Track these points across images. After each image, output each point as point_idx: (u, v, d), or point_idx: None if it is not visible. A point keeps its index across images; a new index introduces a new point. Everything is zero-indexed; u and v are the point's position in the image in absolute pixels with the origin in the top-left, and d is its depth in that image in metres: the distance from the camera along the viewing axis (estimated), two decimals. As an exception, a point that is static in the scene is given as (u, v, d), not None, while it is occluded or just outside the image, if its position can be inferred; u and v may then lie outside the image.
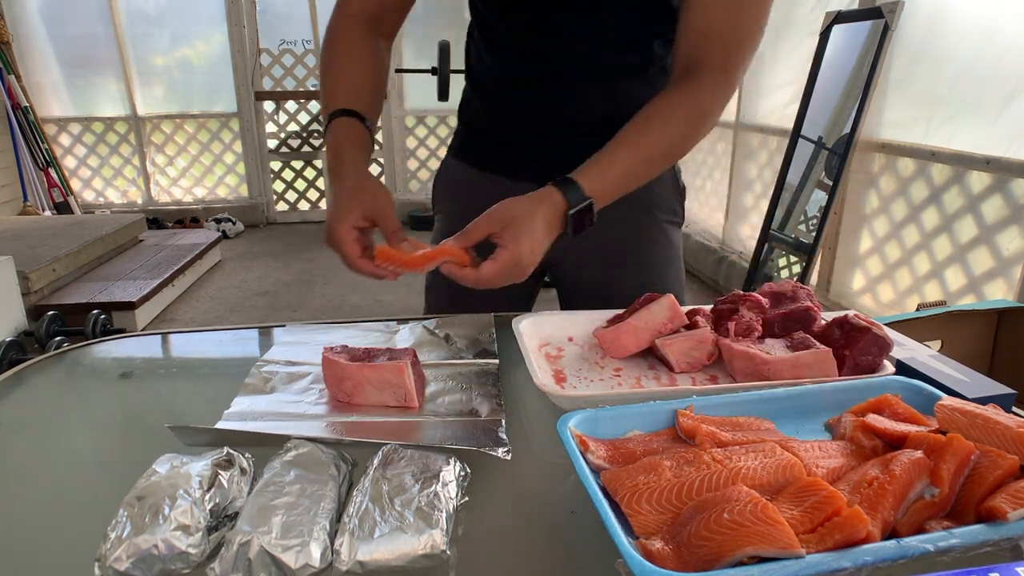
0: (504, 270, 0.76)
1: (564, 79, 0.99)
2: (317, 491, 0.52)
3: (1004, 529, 0.46)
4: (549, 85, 1.00)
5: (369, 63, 0.97)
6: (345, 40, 0.96)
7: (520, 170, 1.05)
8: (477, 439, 0.64)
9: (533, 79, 1.01)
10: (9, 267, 2.95)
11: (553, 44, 0.97)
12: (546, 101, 1.01)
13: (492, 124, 1.08)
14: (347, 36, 0.96)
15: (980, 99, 2.32)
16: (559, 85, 0.99)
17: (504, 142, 1.07)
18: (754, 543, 0.44)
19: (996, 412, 0.57)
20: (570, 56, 0.97)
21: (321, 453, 0.57)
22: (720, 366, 0.81)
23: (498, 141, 1.08)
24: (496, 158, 1.08)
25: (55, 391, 0.83)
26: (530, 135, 1.04)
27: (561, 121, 1.02)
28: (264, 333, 0.98)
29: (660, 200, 1.08)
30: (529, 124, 1.04)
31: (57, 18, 5.18)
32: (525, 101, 1.03)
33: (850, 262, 2.99)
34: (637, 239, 1.08)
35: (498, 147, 1.08)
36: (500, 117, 1.07)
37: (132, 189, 5.72)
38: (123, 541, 0.47)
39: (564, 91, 1.00)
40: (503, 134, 1.07)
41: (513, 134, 1.06)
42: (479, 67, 1.07)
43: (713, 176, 4.43)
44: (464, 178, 1.11)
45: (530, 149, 1.05)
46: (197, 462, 0.54)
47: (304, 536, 0.47)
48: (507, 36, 1.00)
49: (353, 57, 0.96)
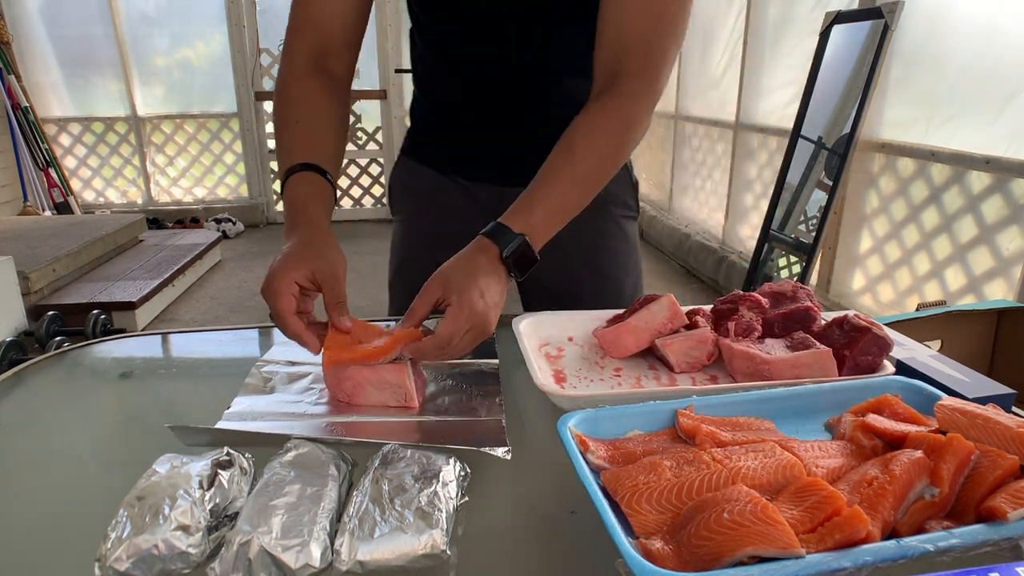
0: (459, 325, 0.71)
1: (509, 81, 0.98)
2: (317, 491, 0.52)
3: (1004, 529, 0.46)
4: (494, 87, 0.99)
5: (325, 113, 0.92)
6: (297, 91, 0.91)
7: (476, 172, 1.05)
8: (477, 439, 0.64)
9: (477, 81, 0.99)
10: (9, 267, 2.95)
11: (494, 48, 0.96)
12: (492, 103, 1.00)
13: (442, 126, 1.07)
14: (299, 86, 0.91)
15: (980, 99, 2.32)
16: (504, 86, 0.98)
17: (456, 144, 1.06)
18: (754, 543, 0.44)
19: (996, 412, 0.57)
20: (513, 59, 0.96)
21: (321, 453, 0.57)
22: (720, 366, 0.81)
23: (450, 143, 1.07)
24: (450, 159, 1.07)
25: (55, 391, 0.83)
26: (480, 137, 1.03)
27: (511, 122, 1.01)
28: (264, 333, 0.98)
29: (613, 196, 1.08)
30: (478, 126, 1.03)
31: (57, 18, 5.18)
32: (471, 103, 1.01)
33: (850, 262, 2.99)
34: (592, 234, 1.07)
35: (451, 149, 1.07)
36: (449, 119, 1.05)
37: (132, 189, 5.72)
38: (123, 541, 0.47)
39: (510, 93, 0.99)
40: (454, 136, 1.06)
41: (464, 136, 1.05)
42: (423, 69, 1.05)
43: (713, 176, 4.43)
44: (423, 180, 1.10)
45: (482, 151, 1.04)
46: (197, 462, 0.54)
47: (304, 536, 0.47)
48: (446, 40, 0.99)
49: (307, 108, 0.91)
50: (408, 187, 1.13)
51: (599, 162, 0.86)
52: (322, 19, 0.92)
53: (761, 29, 3.72)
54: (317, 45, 0.92)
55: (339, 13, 0.92)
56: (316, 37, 0.92)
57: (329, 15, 0.91)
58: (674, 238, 4.72)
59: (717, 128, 4.31)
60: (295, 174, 0.84)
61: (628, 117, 0.86)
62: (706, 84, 4.47)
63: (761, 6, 3.70)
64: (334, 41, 0.93)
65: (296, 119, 0.89)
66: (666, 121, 5.18)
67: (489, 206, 1.05)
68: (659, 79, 0.88)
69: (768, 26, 3.67)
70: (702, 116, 4.55)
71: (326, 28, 0.92)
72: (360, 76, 5.49)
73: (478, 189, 1.07)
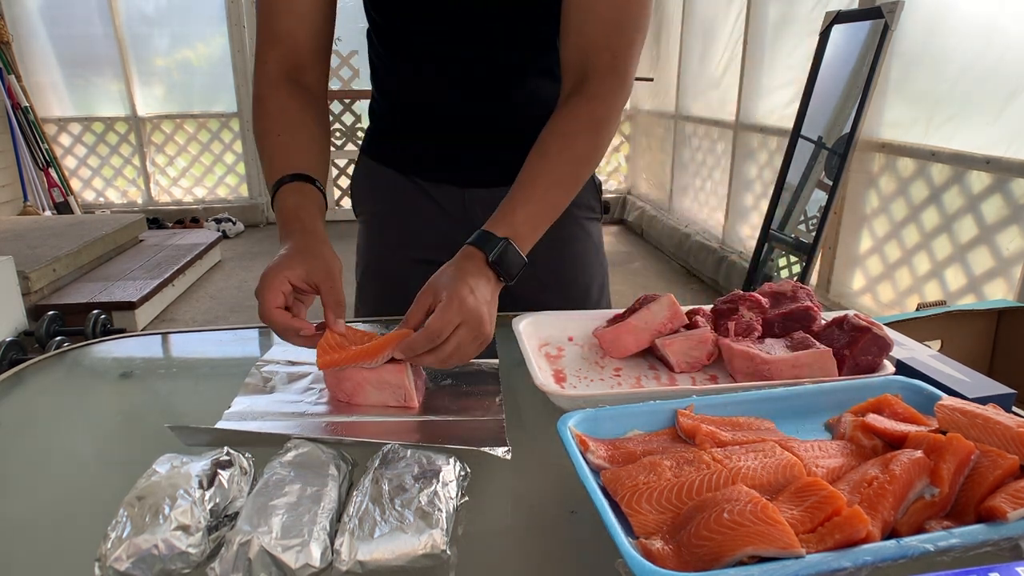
0: (449, 317, 0.69)
1: (472, 81, 0.97)
2: (317, 491, 0.52)
3: (1004, 529, 0.46)
4: (456, 87, 0.98)
5: (306, 125, 0.90)
6: (275, 104, 0.90)
7: (436, 174, 1.04)
8: (477, 439, 0.64)
9: (438, 82, 0.98)
10: (9, 267, 2.95)
11: (456, 47, 0.94)
12: (454, 104, 0.99)
13: (402, 126, 1.05)
14: (276, 99, 0.89)
15: (980, 99, 2.32)
16: (467, 87, 0.97)
17: (416, 145, 1.05)
18: (754, 543, 0.44)
19: (996, 412, 0.57)
20: (477, 58, 0.95)
21: (321, 453, 0.57)
22: (720, 366, 0.81)
23: (410, 144, 1.05)
24: (411, 160, 1.06)
25: (55, 391, 0.83)
26: (441, 138, 1.02)
27: (474, 123, 1.00)
28: (264, 333, 0.98)
29: (577, 198, 1.05)
30: (439, 127, 1.02)
31: (57, 18, 5.18)
32: (432, 104, 1.00)
33: (850, 262, 2.99)
34: (556, 237, 1.03)
35: (410, 150, 1.05)
36: (409, 120, 1.04)
37: (132, 189, 5.72)
38: (123, 541, 0.47)
39: (473, 93, 0.98)
40: (414, 137, 1.04)
41: (424, 137, 1.03)
42: (382, 69, 1.03)
43: (713, 176, 4.43)
44: (382, 180, 1.08)
45: (443, 152, 1.03)
46: (197, 462, 0.54)
47: (304, 536, 0.47)
48: (408, 39, 0.97)
49: (288, 120, 0.89)
50: (369, 187, 1.12)
51: (575, 165, 0.86)
52: (290, 34, 0.90)
53: (761, 29, 3.72)
54: (288, 59, 0.91)
55: (306, 27, 0.91)
56: (286, 52, 0.91)
57: (296, 29, 0.90)
58: (674, 238, 4.72)
59: (717, 128, 4.31)
60: (284, 186, 0.82)
61: (600, 119, 0.87)
62: (706, 84, 4.47)
63: (761, 6, 3.70)
64: (304, 55, 0.92)
65: (278, 132, 0.88)
66: (666, 121, 5.18)
67: (450, 208, 1.06)
68: (628, 75, 0.89)
69: (768, 26, 3.67)
70: (702, 116, 4.55)
71: (295, 43, 0.91)
72: (361, 76, 5.49)
73: (437, 191, 1.06)
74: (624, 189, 6.16)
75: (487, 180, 1.02)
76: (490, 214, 0.80)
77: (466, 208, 1.05)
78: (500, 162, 0.94)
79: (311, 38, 0.92)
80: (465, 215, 1.05)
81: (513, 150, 0.89)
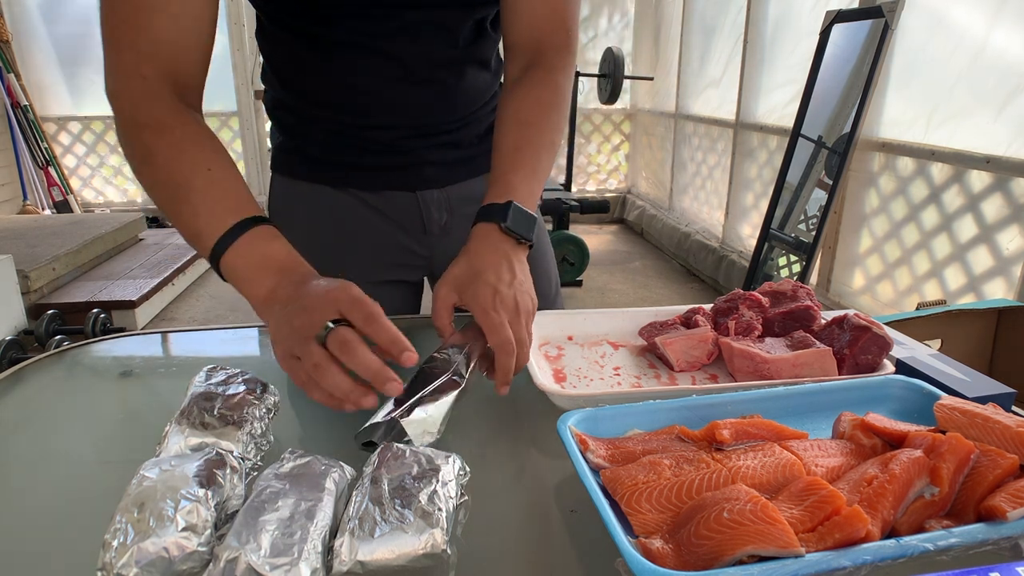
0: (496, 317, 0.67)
1: (407, 79, 0.90)
2: (312, 506, 0.51)
3: (1004, 528, 0.46)
4: (399, 88, 0.90)
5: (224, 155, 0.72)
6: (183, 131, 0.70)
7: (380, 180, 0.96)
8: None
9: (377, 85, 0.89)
10: (9, 266, 2.95)
11: (399, 45, 0.87)
12: (393, 105, 0.91)
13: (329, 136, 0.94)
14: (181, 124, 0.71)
15: (980, 98, 2.32)
16: (412, 86, 0.90)
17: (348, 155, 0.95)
18: (754, 542, 0.44)
19: (996, 411, 0.57)
20: (417, 56, 0.88)
21: (320, 464, 0.56)
22: (720, 365, 0.81)
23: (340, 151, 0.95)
24: (344, 170, 0.95)
25: (55, 390, 0.83)
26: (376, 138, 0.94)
27: (412, 122, 0.93)
28: (264, 332, 0.98)
29: None
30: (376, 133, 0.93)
31: (57, 17, 5.18)
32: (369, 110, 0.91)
33: (850, 261, 2.99)
34: None
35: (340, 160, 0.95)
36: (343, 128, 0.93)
37: (132, 188, 5.72)
38: (128, 547, 0.46)
39: (408, 91, 0.91)
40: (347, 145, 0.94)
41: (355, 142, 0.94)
42: (300, 76, 0.91)
43: (713, 175, 4.43)
44: (313, 201, 0.96)
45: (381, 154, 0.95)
46: (189, 463, 0.54)
47: (293, 555, 0.46)
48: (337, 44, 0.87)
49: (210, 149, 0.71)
50: (292, 212, 0.98)
51: (552, 133, 0.87)
52: (172, 42, 0.72)
53: (761, 28, 3.72)
54: (171, 75, 0.73)
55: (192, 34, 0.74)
56: (166, 65, 0.72)
57: (179, 37, 0.72)
58: (674, 237, 4.72)
59: (717, 127, 4.31)
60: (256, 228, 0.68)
61: (564, 91, 0.89)
62: (706, 83, 4.47)
63: (761, 5, 3.69)
64: (189, 71, 0.75)
65: (208, 167, 0.70)
66: (666, 120, 5.18)
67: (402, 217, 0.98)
68: (576, 46, 0.92)
69: (768, 25, 3.67)
70: (702, 115, 4.55)
71: (177, 53, 0.73)
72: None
73: (382, 200, 0.97)
74: (624, 188, 6.16)
75: (438, 178, 0.97)
76: (449, 217, 0.77)
77: (422, 213, 0.98)
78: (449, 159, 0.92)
79: (197, 48, 0.75)
80: (422, 222, 0.98)
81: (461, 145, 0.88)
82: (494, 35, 0.96)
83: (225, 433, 0.60)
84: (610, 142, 6.12)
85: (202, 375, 0.68)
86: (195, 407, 0.62)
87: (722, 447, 0.57)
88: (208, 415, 0.61)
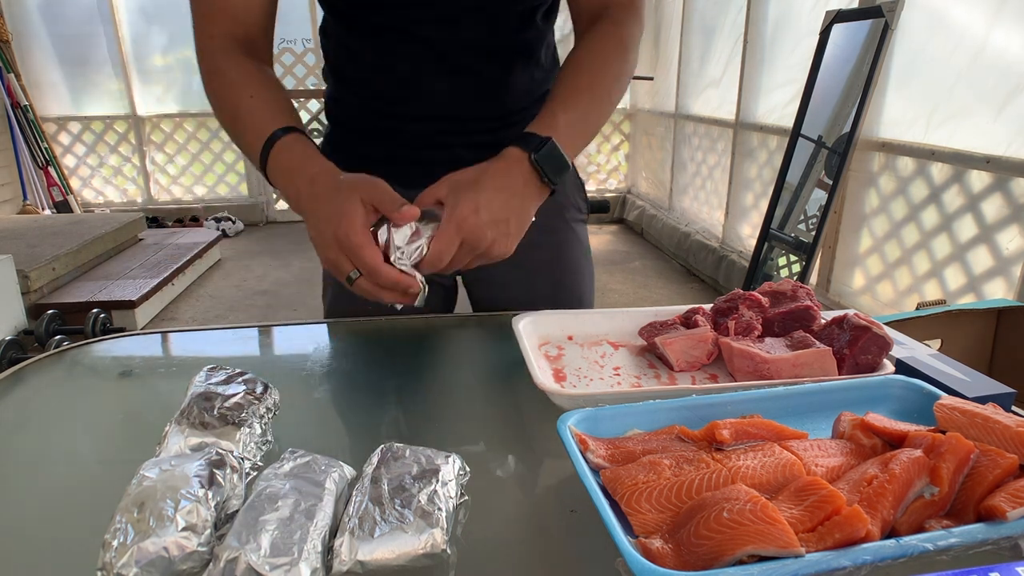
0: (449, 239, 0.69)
1: (453, 69, 0.91)
2: (312, 506, 0.51)
3: (1004, 528, 0.46)
4: (438, 76, 0.91)
5: (275, 86, 0.84)
6: (238, 73, 0.82)
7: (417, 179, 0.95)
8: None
9: (416, 72, 0.91)
10: (9, 266, 2.95)
11: (438, 31, 0.89)
12: (429, 93, 0.93)
13: (376, 129, 0.98)
14: (238, 68, 0.83)
15: (980, 98, 2.32)
16: (451, 75, 0.92)
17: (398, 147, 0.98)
18: (754, 542, 0.44)
19: (995, 411, 0.57)
20: (457, 43, 0.90)
21: (320, 464, 0.56)
22: (720, 365, 0.81)
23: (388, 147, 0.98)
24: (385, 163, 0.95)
25: (55, 390, 0.83)
26: (426, 141, 0.96)
27: (451, 113, 0.95)
28: (264, 332, 0.98)
29: (568, 199, 1.05)
30: (426, 126, 0.95)
31: (57, 17, 5.18)
32: (408, 98, 0.93)
33: (850, 261, 2.99)
34: (552, 244, 1.03)
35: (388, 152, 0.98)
36: (383, 119, 0.96)
37: (132, 188, 5.72)
38: (128, 547, 0.46)
39: (447, 80, 0.92)
40: (393, 139, 0.97)
41: (406, 139, 0.97)
42: (349, 65, 0.96)
43: (713, 175, 4.43)
44: None
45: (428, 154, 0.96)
46: (189, 463, 0.54)
47: (294, 555, 0.46)
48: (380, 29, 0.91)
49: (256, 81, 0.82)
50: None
51: (612, 82, 0.86)
52: (237, 9, 0.84)
53: (761, 28, 3.72)
54: (236, 33, 0.85)
55: (255, 5, 0.85)
56: (232, 25, 0.84)
57: (243, 5, 0.85)
58: (674, 237, 4.72)
59: (717, 127, 4.31)
60: (286, 136, 0.77)
61: (628, 44, 0.89)
62: (706, 83, 4.47)
63: (761, 5, 3.69)
64: (253, 27, 0.86)
65: (249, 94, 0.81)
66: (666, 120, 5.18)
67: None
68: (643, 8, 0.92)
69: (768, 25, 3.67)
70: (702, 115, 4.55)
71: (242, 13, 0.85)
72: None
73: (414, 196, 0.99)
74: (624, 188, 6.16)
75: None
76: None
77: None
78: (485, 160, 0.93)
79: (258, 11, 0.86)
80: None
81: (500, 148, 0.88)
82: (543, 26, 0.95)
83: (225, 433, 0.60)
84: (610, 142, 6.12)
85: (202, 375, 0.68)
86: (195, 407, 0.62)
87: (722, 447, 0.57)
88: (208, 415, 0.61)
